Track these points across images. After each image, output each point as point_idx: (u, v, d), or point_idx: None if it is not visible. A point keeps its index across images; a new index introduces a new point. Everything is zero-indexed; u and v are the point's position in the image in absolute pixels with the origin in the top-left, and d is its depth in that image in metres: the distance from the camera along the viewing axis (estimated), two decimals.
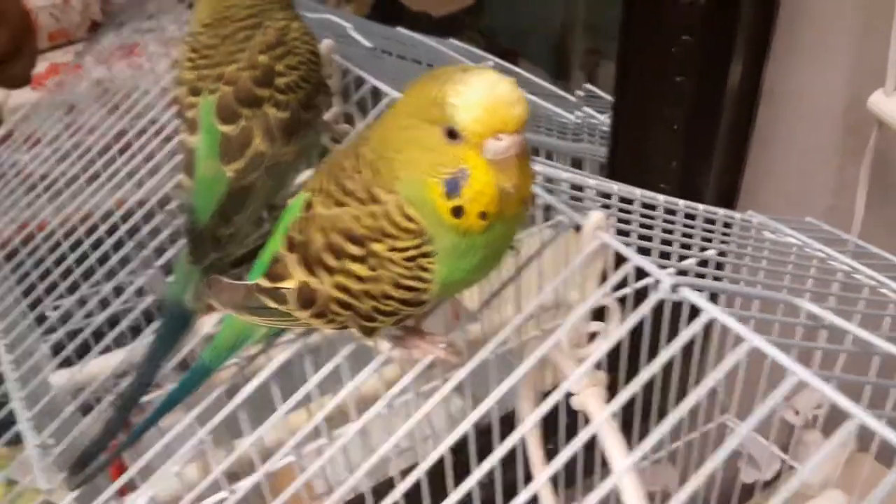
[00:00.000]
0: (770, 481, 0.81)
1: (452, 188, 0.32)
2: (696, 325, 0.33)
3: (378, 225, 0.34)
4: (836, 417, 0.72)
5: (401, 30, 0.97)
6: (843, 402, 0.29)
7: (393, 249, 0.34)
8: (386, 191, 0.34)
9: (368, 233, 0.34)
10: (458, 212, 0.32)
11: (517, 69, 0.96)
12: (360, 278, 0.35)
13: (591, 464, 0.62)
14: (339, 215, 0.35)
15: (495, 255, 0.36)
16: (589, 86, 0.77)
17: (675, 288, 0.34)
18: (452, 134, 0.31)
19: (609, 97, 0.74)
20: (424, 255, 0.34)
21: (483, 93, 0.30)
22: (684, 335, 0.33)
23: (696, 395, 0.33)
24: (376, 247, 0.34)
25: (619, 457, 0.38)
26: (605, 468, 0.43)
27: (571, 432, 0.61)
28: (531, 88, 0.89)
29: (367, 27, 0.89)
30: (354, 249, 0.35)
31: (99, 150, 0.73)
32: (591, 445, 0.45)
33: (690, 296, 0.34)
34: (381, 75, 0.57)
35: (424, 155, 0.32)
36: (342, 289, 0.36)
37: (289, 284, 0.38)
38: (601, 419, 0.37)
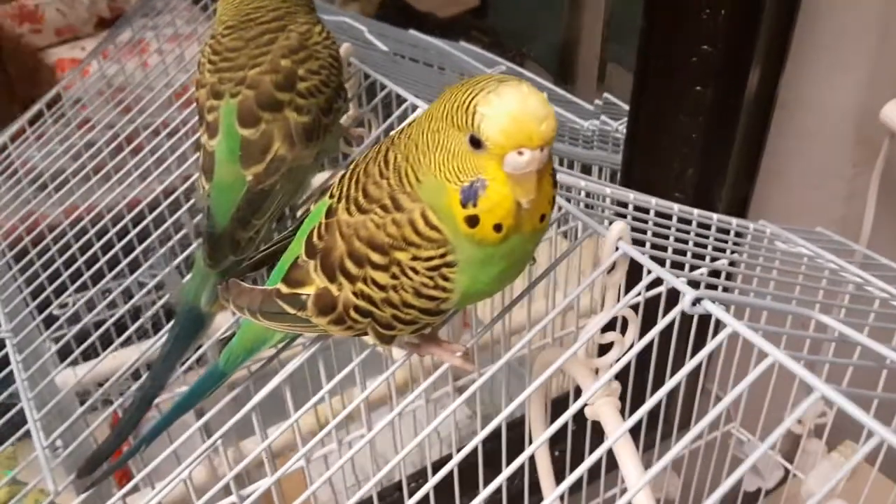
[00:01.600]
0: (772, 489, 0.81)
1: (469, 196, 0.31)
2: (718, 339, 0.33)
3: (401, 233, 0.34)
4: (838, 427, 0.72)
5: (413, 32, 0.97)
6: (868, 421, 0.29)
7: (416, 258, 0.34)
8: (410, 198, 0.34)
9: (391, 241, 0.34)
10: (473, 221, 0.32)
11: (529, 73, 0.96)
12: (381, 286, 0.35)
13: (596, 469, 0.62)
14: (363, 222, 0.35)
15: (515, 268, 0.36)
16: (608, 95, 0.77)
17: (696, 301, 0.34)
18: (476, 142, 0.31)
19: (624, 105, 0.73)
20: (448, 265, 0.34)
21: (511, 105, 0.29)
22: (706, 349, 0.33)
23: (715, 412, 0.33)
24: (399, 255, 0.34)
25: (635, 473, 0.38)
26: (610, 473, 0.43)
27: (578, 438, 0.61)
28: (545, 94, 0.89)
29: (379, 29, 0.89)
30: (377, 257, 0.35)
31: (110, 148, 0.73)
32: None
33: (713, 309, 0.34)
34: (398, 79, 0.57)
35: (448, 160, 0.32)
36: (363, 296, 0.36)
37: (308, 290, 0.38)
38: (618, 435, 0.36)
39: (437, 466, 0.39)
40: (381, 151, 0.36)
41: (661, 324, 0.35)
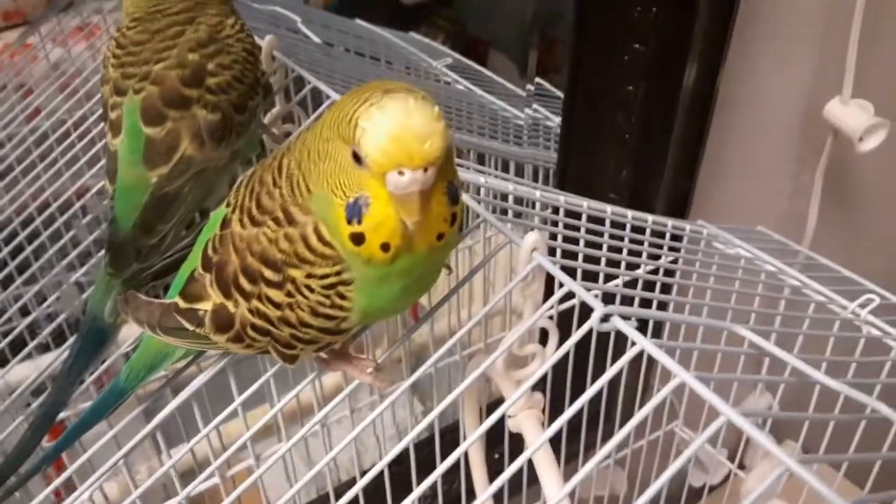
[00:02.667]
0: (718, 485, 0.81)
1: (353, 213, 0.30)
2: (626, 358, 0.32)
3: (294, 249, 0.32)
4: (783, 422, 0.72)
5: (360, 22, 0.94)
6: (773, 450, 0.28)
7: (310, 276, 0.32)
8: (303, 211, 0.32)
9: (284, 257, 0.32)
10: (358, 239, 0.30)
11: (478, 67, 0.93)
12: (276, 304, 0.33)
13: (535, 474, 0.61)
14: (255, 236, 0.33)
15: (418, 285, 0.34)
16: (540, 80, 0.74)
17: (606, 317, 0.33)
18: (357, 157, 0.29)
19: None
20: (343, 283, 0.32)
21: (392, 121, 0.27)
22: (614, 368, 0.32)
23: (616, 440, 0.31)
24: (293, 272, 0.32)
25: (554, 487, 0.37)
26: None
27: (516, 442, 0.60)
28: (491, 87, 0.87)
29: (323, 19, 0.86)
30: (270, 274, 0.33)
31: (36, 138, 0.69)
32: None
33: (621, 326, 0.32)
34: (327, 74, 0.55)
35: (335, 172, 0.30)
36: (258, 314, 0.34)
37: (205, 306, 0.36)
38: (535, 448, 0.35)
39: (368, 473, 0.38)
40: (276, 158, 0.34)
41: (572, 339, 0.34)
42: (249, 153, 0.50)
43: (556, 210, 0.48)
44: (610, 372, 0.32)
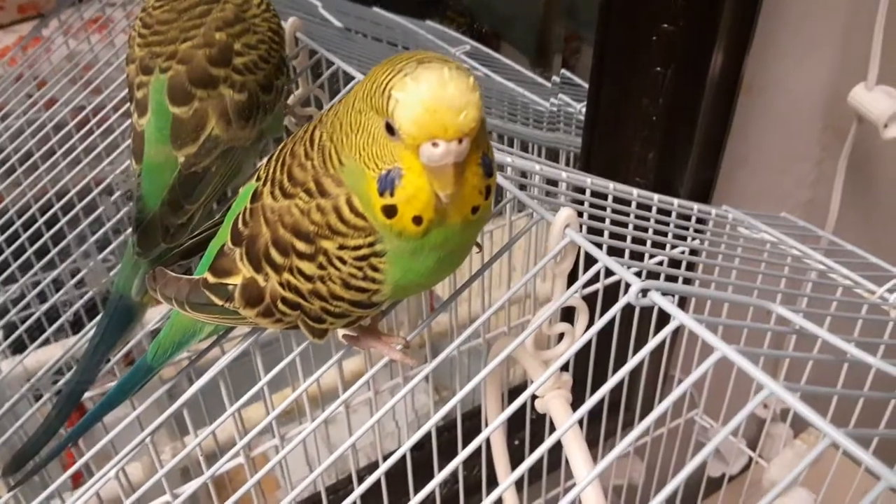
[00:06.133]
0: (736, 475, 0.81)
1: (385, 185, 0.29)
2: (665, 331, 0.32)
3: (326, 220, 0.32)
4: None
5: (377, 10, 0.94)
6: (818, 422, 0.27)
7: (343, 248, 0.32)
8: (335, 182, 0.32)
9: (316, 228, 0.32)
10: (390, 211, 0.30)
11: (495, 54, 0.93)
12: (307, 277, 0.33)
13: (556, 460, 0.61)
14: (287, 207, 0.33)
15: (451, 259, 0.33)
16: (565, 72, 0.74)
17: (644, 292, 0.32)
18: (391, 129, 0.28)
19: (586, 85, 0.72)
20: (376, 255, 0.32)
21: (426, 92, 0.27)
22: (652, 342, 0.32)
23: (665, 405, 0.31)
24: (325, 244, 0.32)
25: (583, 468, 0.37)
26: (570, 465, 0.42)
27: (537, 428, 0.60)
28: (508, 74, 0.87)
29: (341, 6, 0.86)
30: (302, 246, 0.32)
31: (54, 125, 0.69)
32: (556, 443, 0.44)
33: (660, 301, 0.32)
34: (350, 56, 0.54)
35: (368, 144, 0.30)
36: (289, 287, 0.34)
37: (234, 280, 0.36)
38: (565, 428, 0.35)
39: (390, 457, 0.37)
40: (308, 130, 0.34)
41: (606, 316, 0.33)
42: (275, 133, 0.50)
43: (581, 191, 0.48)
44: (651, 343, 0.31)
